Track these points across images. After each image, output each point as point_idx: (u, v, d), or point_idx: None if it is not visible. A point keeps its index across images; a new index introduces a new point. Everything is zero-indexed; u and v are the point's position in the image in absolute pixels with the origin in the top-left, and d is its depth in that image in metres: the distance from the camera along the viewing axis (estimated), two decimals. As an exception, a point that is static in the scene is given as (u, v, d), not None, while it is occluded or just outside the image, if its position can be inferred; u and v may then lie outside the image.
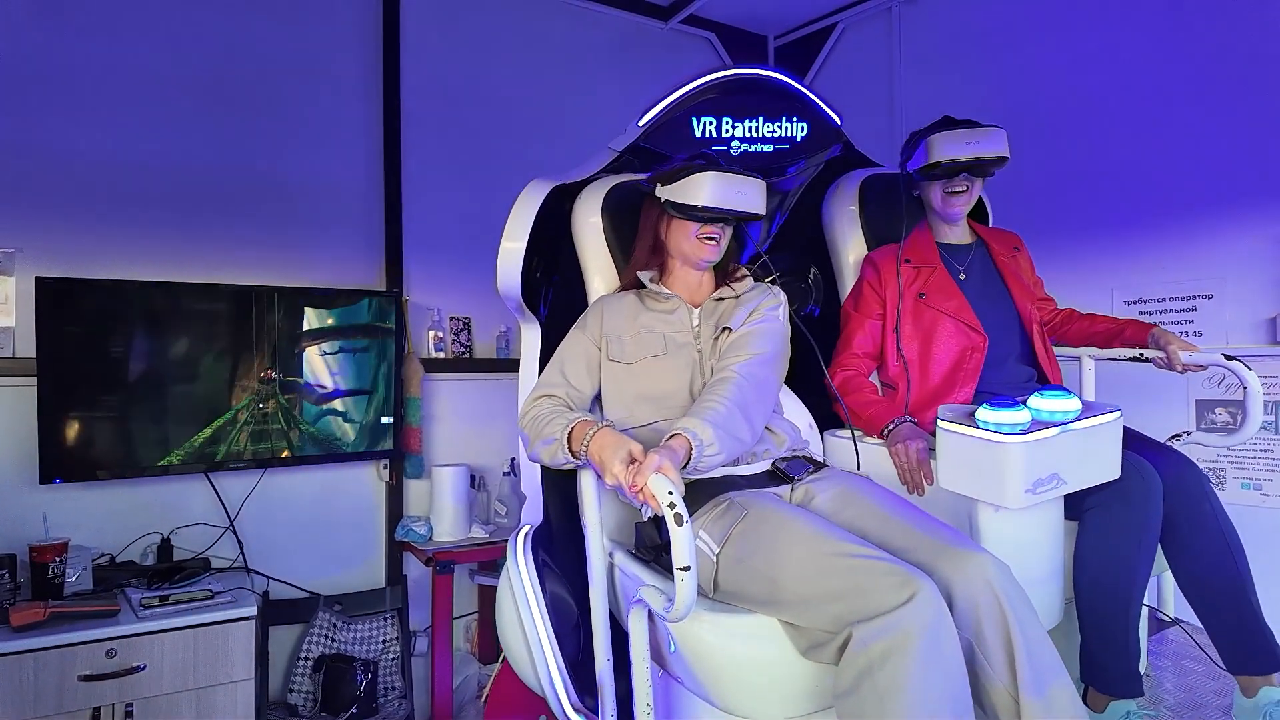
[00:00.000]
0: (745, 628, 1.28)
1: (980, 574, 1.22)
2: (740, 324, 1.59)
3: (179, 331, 2.51)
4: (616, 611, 1.57)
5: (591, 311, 1.67)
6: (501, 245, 1.69)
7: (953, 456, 1.43)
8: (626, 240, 1.75)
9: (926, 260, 1.85)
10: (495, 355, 3.24)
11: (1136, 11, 2.71)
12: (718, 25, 3.87)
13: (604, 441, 1.33)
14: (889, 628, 1.10)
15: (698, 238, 1.61)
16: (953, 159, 1.77)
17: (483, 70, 3.27)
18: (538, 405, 1.55)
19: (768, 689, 1.28)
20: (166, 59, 2.65)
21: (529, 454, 1.54)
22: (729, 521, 1.38)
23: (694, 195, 1.55)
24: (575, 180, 1.83)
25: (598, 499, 1.49)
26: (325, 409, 2.76)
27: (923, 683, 1.08)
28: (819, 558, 1.23)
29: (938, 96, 3.34)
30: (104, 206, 2.55)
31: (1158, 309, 2.64)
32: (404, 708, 2.68)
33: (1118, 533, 1.54)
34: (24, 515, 2.33)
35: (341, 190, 2.96)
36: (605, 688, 1.47)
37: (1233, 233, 2.49)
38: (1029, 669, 1.17)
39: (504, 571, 1.69)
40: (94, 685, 2.03)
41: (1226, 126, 2.50)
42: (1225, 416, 2.49)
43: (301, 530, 2.82)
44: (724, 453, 1.37)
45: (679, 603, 1.16)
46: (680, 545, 1.14)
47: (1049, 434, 1.38)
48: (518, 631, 1.62)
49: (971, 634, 1.20)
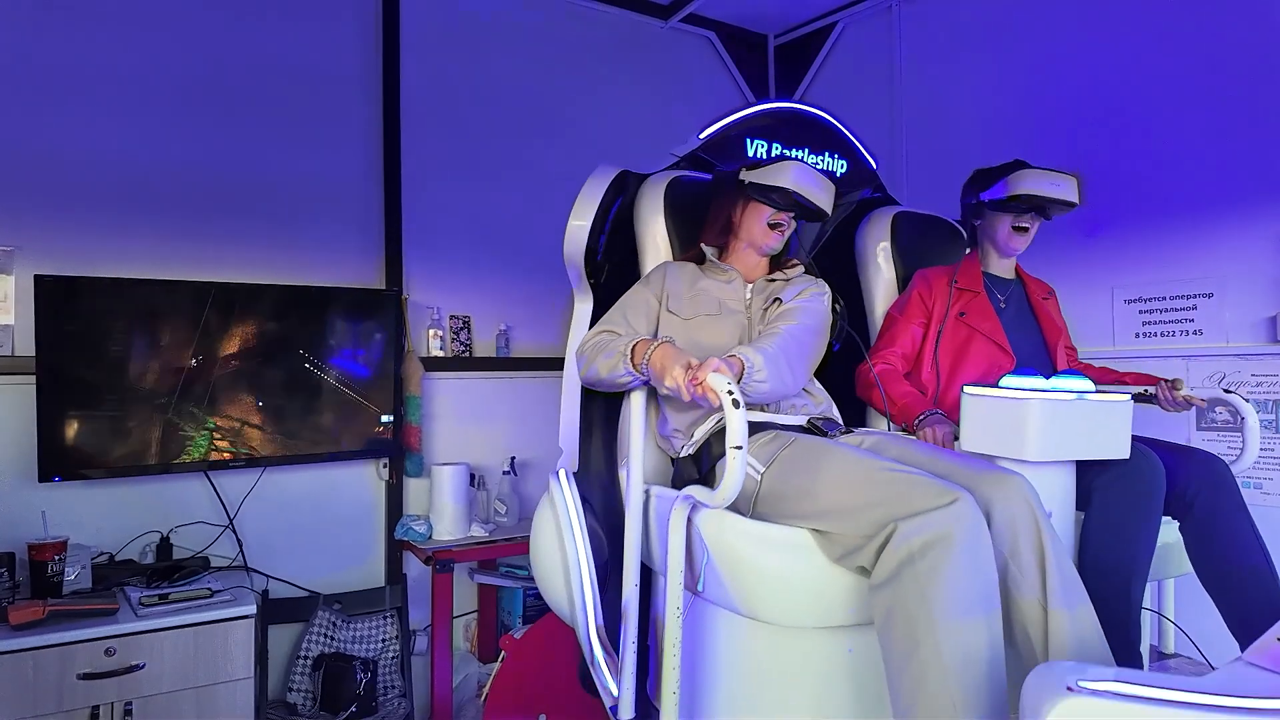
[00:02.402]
0: (780, 536, 1.37)
1: (1019, 493, 1.30)
2: (790, 299, 1.75)
3: (178, 330, 2.50)
4: (645, 555, 1.64)
5: (655, 271, 1.83)
6: (569, 222, 1.86)
7: (977, 421, 1.53)
8: (683, 227, 1.92)
9: (973, 285, 2.01)
10: (495, 354, 3.23)
11: (1136, 11, 2.71)
12: (717, 24, 3.87)
13: (665, 352, 1.47)
14: (932, 524, 1.18)
15: (768, 224, 1.77)
16: (1030, 193, 1.90)
17: (482, 68, 3.27)
18: (599, 335, 1.67)
19: (799, 596, 1.36)
20: (166, 57, 2.65)
21: (585, 375, 1.66)
22: (776, 448, 1.49)
23: (779, 178, 1.71)
24: (638, 172, 2.01)
25: (644, 416, 1.63)
26: (325, 407, 2.76)
27: (960, 575, 1.16)
28: (862, 471, 1.33)
29: (938, 96, 3.34)
30: (103, 204, 2.54)
31: (1158, 308, 2.64)
32: (403, 707, 2.68)
33: (1120, 508, 1.58)
34: (23, 513, 2.32)
35: (341, 189, 2.95)
36: (630, 611, 1.55)
37: (1233, 231, 2.49)
38: (1060, 584, 1.24)
39: (541, 506, 1.77)
40: (93, 684, 2.03)
41: (1226, 125, 2.50)
42: (1225, 415, 2.49)
43: (301, 529, 2.82)
44: (769, 383, 1.51)
45: (728, 481, 1.26)
46: (734, 427, 1.24)
47: (1066, 397, 1.49)
48: (556, 559, 1.70)
49: (1007, 550, 1.27)
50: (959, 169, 2.15)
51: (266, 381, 2.64)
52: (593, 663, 1.66)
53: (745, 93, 3.98)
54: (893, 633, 1.18)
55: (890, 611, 1.18)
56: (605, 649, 1.65)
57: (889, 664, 1.19)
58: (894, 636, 1.18)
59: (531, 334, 3.34)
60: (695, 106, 3.84)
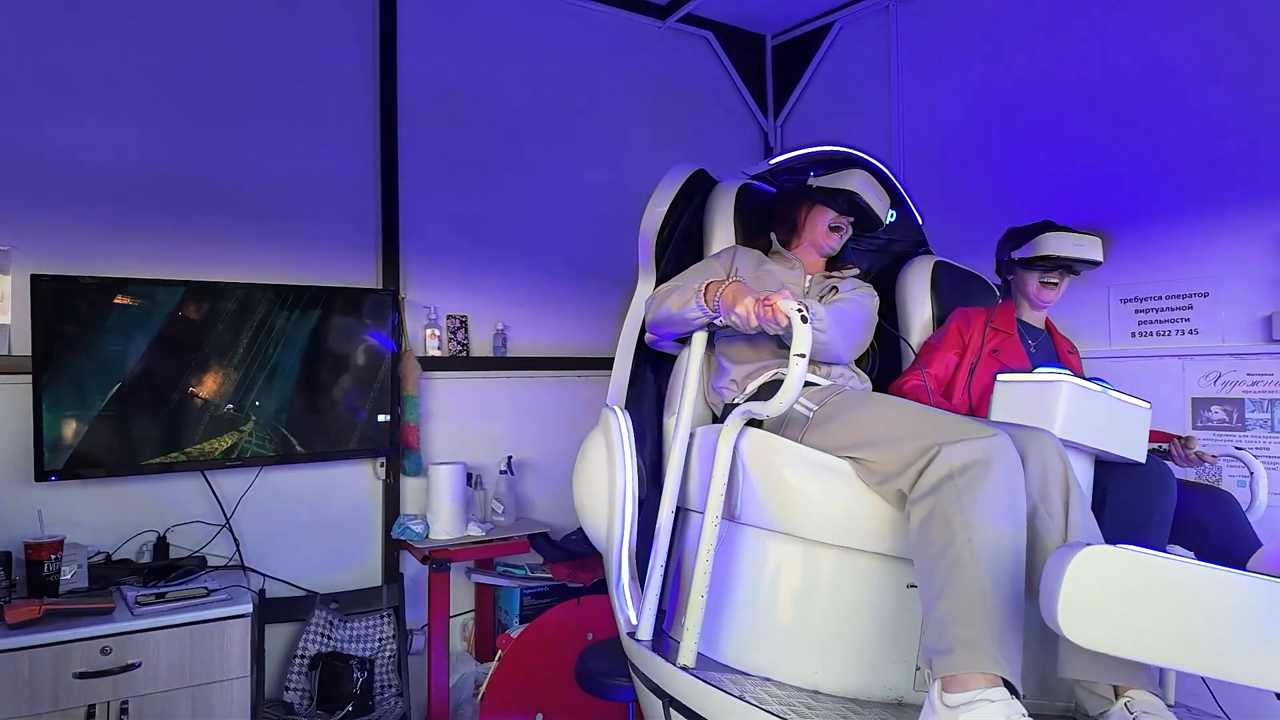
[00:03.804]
0: (823, 460, 1.49)
1: (1053, 445, 1.42)
2: (845, 291, 1.92)
3: (175, 329, 2.50)
4: (681, 498, 1.75)
5: (725, 251, 1.99)
6: (647, 208, 2.06)
7: (1007, 405, 1.65)
8: (748, 228, 2.11)
9: (1007, 327, 2.15)
10: (492, 353, 3.24)
11: (1133, 11, 2.72)
12: (715, 24, 3.87)
13: (737, 287, 1.60)
14: (974, 449, 1.29)
15: (829, 226, 1.93)
16: (1057, 254, 2.07)
17: (479, 68, 3.27)
18: (671, 283, 1.83)
19: (832, 514, 1.48)
20: (162, 56, 2.65)
21: (654, 316, 1.81)
22: (829, 393, 1.64)
23: (844, 183, 1.88)
24: (712, 176, 2.21)
25: (702, 359, 1.76)
26: (322, 407, 2.76)
27: (996, 493, 1.26)
28: (912, 409, 1.49)
29: (935, 95, 3.34)
30: (99, 203, 2.54)
31: (1154, 308, 2.65)
32: (400, 706, 2.67)
33: (1134, 508, 1.67)
34: (19, 513, 2.33)
35: (338, 188, 2.95)
36: (662, 533, 1.65)
37: (1229, 231, 2.49)
38: (1082, 524, 1.36)
39: (593, 434, 1.93)
40: (89, 683, 2.03)
41: (1221, 125, 2.51)
42: (1221, 415, 2.49)
43: (298, 528, 2.82)
44: (829, 333, 1.71)
45: (787, 386, 1.36)
46: (799, 337, 1.35)
47: (1094, 387, 1.62)
48: (601, 483, 1.85)
49: (1038, 494, 1.37)
50: (955, 168, 2.16)
51: (264, 380, 2.64)
52: (617, 585, 1.79)
53: (743, 92, 3.98)
54: (930, 532, 1.28)
55: (928, 516, 1.29)
56: (633, 572, 1.77)
57: (922, 560, 1.29)
58: (930, 535, 1.28)
59: (529, 334, 3.34)
60: (693, 107, 3.85)
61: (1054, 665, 1.33)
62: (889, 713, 1.41)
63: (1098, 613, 1.03)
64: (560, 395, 3.39)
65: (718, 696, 1.43)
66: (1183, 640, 1.03)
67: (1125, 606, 1.03)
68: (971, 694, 1.14)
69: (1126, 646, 1.04)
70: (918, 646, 1.45)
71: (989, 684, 1.15)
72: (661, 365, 2.05)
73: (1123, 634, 1.04)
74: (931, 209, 2.36)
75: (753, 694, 1.43)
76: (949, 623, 1.21)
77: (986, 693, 1.14)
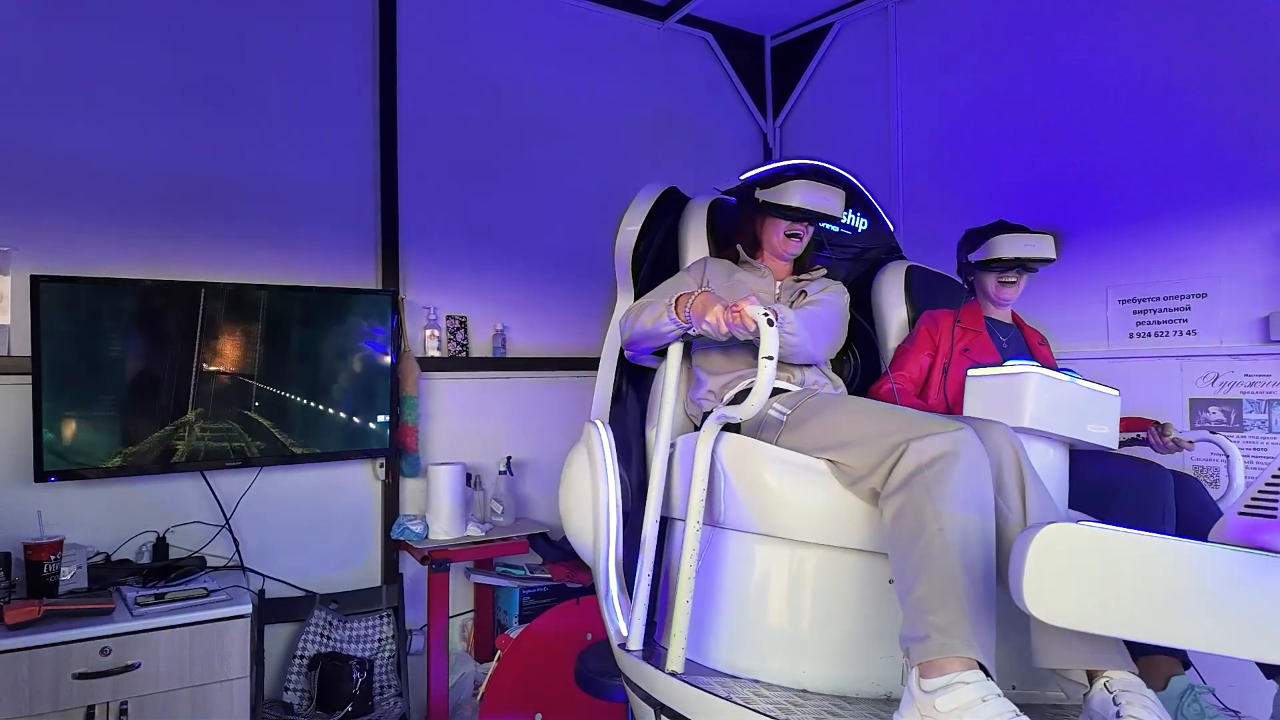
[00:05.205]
0: (800, 461, 1.53)
1: (1004, 437, 1.46)
2: (814, 293, 1.96)
3: (175, 329, 2.50)
4: (665, 507, 1.77)
5: (696, 263, 2.03)
6: (621, 227, 2.10)
7: (978, 398, 1.69)
8: (721, 241, 2.16)
9: (975, 325, 2.19)
10: (491, 354, 3.24)
11: (1131, 12, 2.72)
12: (714, 25, 3.88)
13: (706, 297, 1.64)
14: (940, 442, 1.33)
15: (785, 234, 1.96)
16: (1010, 256, 2.12)
17: (479, 68, 3.27)
18: (644, 300, 1.86)
19: (812, 512, 1.52)
20: (162, 56, 2.65)
21: (629, 334, 1.84)
22: (800, 397, 1.68)
23: (787, 198, 1.89)
24: (683, 192, 2.26)
25: (679, 370, 1.79)
26: (321, 407, 2.76)
27: (962, 482, 1.31)
28: (879, 409, 1.54)
29: (934, 95, 3.35)
30: (100, 204, 2.54)
31: (1152, 308, 2.65)
32: (399, 706, 2.68)
33: (1145, 504, 1.74)
34: (19, 513, 2.33)
35: (338, 188, 2.96)
36: (648, 543, 1.67)
37: (1226, 232, 2.50)
38: (1037, 506, 1.40)
39: (576, 449, 1.94)
40: (89, 683, 2.03)
41: (1220, 127, 2.51)
42: (1219, 415, 2.50)
43: (297, 529, 2.82)
44: (798, 337, 1.73)
45: (757, 389, 1.39)
46: (767, 340, 1.38)
47: (1061, 377, 1.64)
48: (586, 496, 1.87)
49: (995, 484, 1.40)
50: (954, 168, 2.16)
51: (263, 381, 2.64)
52: (605, 597, 1.79)
53: (742, 93, 3.99)
54: (902, 523, 1.32)
55: (900, 509, 1.33)
56: (620, 584, 1.79)
57: (896, 552, 1.33)
58: (903, 525, 1.32)
59: (528, 334, 3.34)
60: (692, 107, 3.85)
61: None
62: (876, 707, 1.43)
63: (1063, 589, 1.05)
64: (559, 396, 3.39)
65: (706, 699, 1.44)
66: (1147, 611, 1.05)
67: (1089, 581, 1.05)
68: (948, 678, 1.18)
69: (1093, 621, 1.06)
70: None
71: (964, 667, 1.18)
72: (643, 380, 2.07)
73: (1089, 609, 1.05)
74: (930, 209, 2.37)
75: (740, 695, 1.44)
76: (924, 610, 1.24)
77: (962, 675, 1.17)
